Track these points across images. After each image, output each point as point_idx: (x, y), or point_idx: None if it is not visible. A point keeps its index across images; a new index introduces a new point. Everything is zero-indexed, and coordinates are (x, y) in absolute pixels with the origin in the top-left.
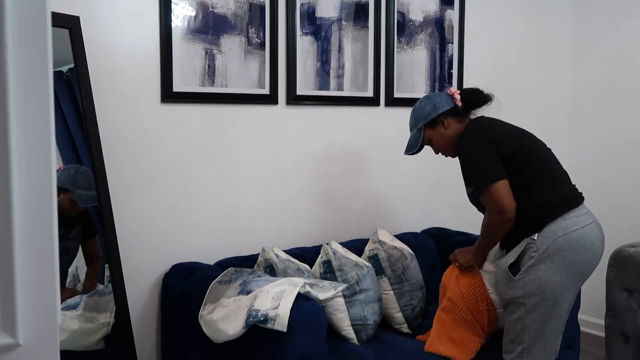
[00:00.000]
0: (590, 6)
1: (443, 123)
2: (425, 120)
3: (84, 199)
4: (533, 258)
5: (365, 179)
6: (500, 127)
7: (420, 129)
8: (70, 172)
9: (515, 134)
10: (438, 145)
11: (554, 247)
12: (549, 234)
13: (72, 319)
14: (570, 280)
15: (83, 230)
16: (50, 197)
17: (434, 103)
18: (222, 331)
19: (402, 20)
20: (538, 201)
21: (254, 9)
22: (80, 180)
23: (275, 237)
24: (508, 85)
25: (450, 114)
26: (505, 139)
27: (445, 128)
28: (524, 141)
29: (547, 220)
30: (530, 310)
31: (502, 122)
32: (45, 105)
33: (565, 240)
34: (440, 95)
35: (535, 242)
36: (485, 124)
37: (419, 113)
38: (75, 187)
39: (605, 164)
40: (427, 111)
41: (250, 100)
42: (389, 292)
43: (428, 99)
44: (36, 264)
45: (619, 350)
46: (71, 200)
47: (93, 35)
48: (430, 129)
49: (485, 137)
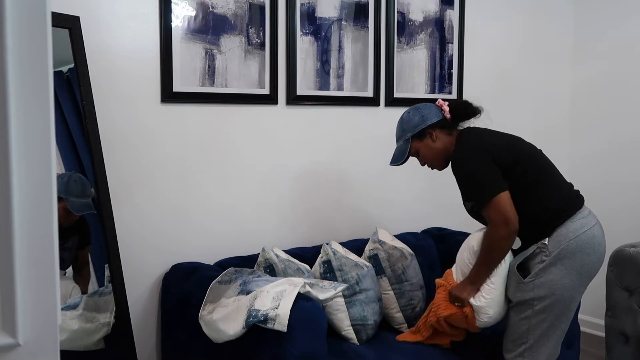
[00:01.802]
0: (590, 6)
1: (431, 135)
2: (413, 131)
3: (78, 207)
4: (544, 262)
5: (365, 178)
6: (493, 138)
7: (408, 140)
8: (63, 180)
9: (509, 141)
10: (424, 157)
11: (565, 250)
12: (561, 238)
13: (72, 319)
14: (580, 282)
15: (79, 239)
16: (50, 197)
17: (422, 114)
18: (222, 331)
19: (402, 20)
20: (545, 206)
21: (254, 9)
22: (73, 188)
23: (275, 237)
24: (508, 85)
25: (438, 126)
26: (501, 149)
27: (433, 140)
28: (519, 148)
29: (556, 223)
30: (539, 311)
31: (492, 131)
32: (45, 105)
33: (576, 243)
34: (429, 106)
35: (546, 247)
36: (477, 136)
37: (406, 124)
38: (69, 195)
39: (606, 164)
40: (415, 122)
41: (250, 100)
42: (389, 292)
43: (416, 109)
44: (36, 264)
45: (619, 350)
46: (65, 209)
47: (93, 35)
48: (418, 141)
49: (481, 150)
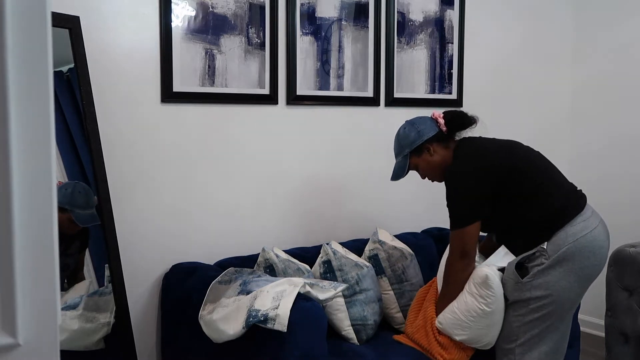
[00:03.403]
0: (590, 6)
1: (428, 150)
2: (410, 147)
3: (84, 219)
4: (544, 265)
5: (365, 178)
6: (490, 147)
7: (406, 156)
8: (68, 191)
9: (506, 149)
10: (424, 171)
11: (564, 254)
12: (559, 242)
13: (72, 319)
14: (578, 284)
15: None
16: (50, 197)
17: (418, 130)
18: (222, 331)
19: (402, 20)
20: (544, 211)
21: (254, 9)
22: (78, 199)
23: (275, 237)
24: (508, 85)
25: (435, 139)
26: (498, 159)
27: (430, 155)
28: (517, 154)
29: (556, 227)
30: (533, 310)
31: (488, 140)
32: (46, 105)
33: (575, 247)
34: (424, 120)
35: (545, 251)
36: (473, 153)
37: (403, 140)
38: (74, 207)
39: (606, 164)
40: (412, 138)
41: (250, 100)
42: (389, 292)
43: (412, 125)
44: (36, 264)
45: (619, 350)
46: (70, 220)
47: (93, 35)
48: (416, 156)
49: (477, 168)
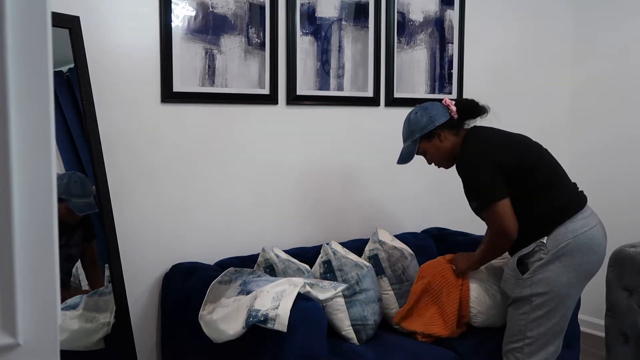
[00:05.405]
0: (590, 6)
1: (439, 135)
2: (422, 132)
3: (80, 207)
4: (543, 260)
5: (365, 178)
6: (499, 140)
7: (416, 140)
8: (63, 182)
9: (515, 143)
10: (432, 157)
11: (563, 250)
12: (559, 237)
13: (72, 319)
14: (577, 280)
15: (84, 233)
16: (51, 198)
17: (430, 115)
18: (222, 331)
19: (402, 20)
20: (546, 207)
21: (254, 9)
22: (74, 189)
23: (275, 237)
24: (508, 85)
25: (446, 126)
26: (506, 152)
27: (441, 141)
28: (525, 148)
29: (556, 223)
30: (537, 307)
31: (498, 131)
32: (46, 105)
33: (574, 243)
34: (436, 106)
35: (544, 245)
36: (483, 139)
37: (414, 125)
38: (70, 196)
39: (606, 164)
40: (424, 123)
41: (250, 100)
42: (389, 292)
43: (424, 110)
44: (36, 264)
45: (619, 350)
46: (68, 209)
47: (93, 35)
48: (426, 141)
49: (486, 155)
